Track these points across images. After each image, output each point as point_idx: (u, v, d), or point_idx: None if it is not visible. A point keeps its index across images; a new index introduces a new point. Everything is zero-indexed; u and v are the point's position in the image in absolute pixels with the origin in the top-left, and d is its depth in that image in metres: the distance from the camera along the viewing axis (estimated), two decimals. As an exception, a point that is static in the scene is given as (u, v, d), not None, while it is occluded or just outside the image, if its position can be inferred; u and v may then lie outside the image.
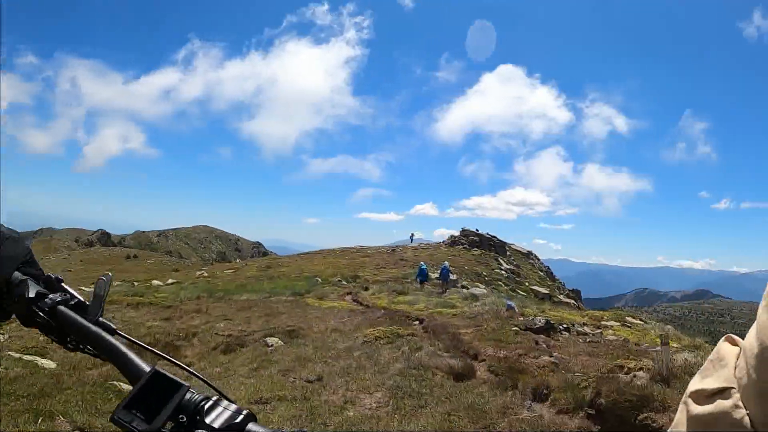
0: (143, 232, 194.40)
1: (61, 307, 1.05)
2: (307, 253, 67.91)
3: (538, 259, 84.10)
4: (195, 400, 0.89)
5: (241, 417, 0.87)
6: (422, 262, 37.20)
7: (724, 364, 0.54)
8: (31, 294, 1.06)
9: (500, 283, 52.72)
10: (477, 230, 73.49)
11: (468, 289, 42.21)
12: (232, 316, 15.03)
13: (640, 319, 20.35)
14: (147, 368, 0.93)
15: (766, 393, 0.50)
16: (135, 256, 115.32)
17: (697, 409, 0.54)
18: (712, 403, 0.53)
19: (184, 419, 0.88)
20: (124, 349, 0.99)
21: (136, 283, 48.72)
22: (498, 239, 72.38)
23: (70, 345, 1.05)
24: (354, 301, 24.08)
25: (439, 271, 36.93)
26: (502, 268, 61.21)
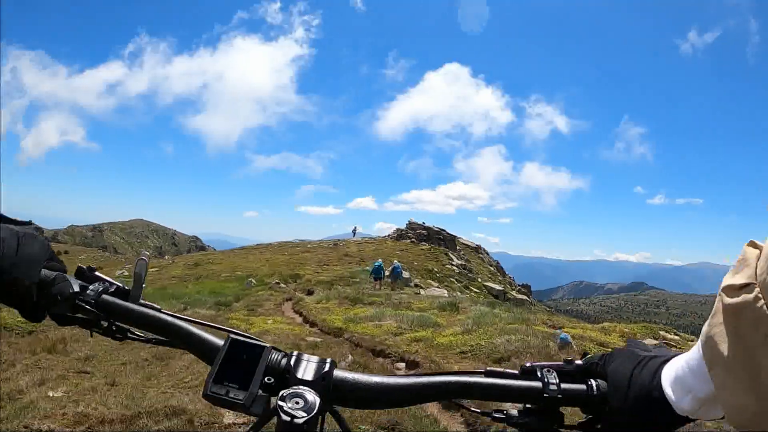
0: (77, 226, 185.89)
1: (107, 296, 0.99)
2: (243, 249, 62.21)
3: (487, 254, 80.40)
4: (279, 358, 0.89)
5: (327, 365, 0.87)
6: (379, 260, 33.51)
7: (748, 264, 0.64)
8: (75, 288, 1.00)
9: (453, 280, 48.63)
10: (424, 223, 69.10)
11: (424, 288, 38.05)
12: (99, 360, 9.51)
13: (676, 334, 15.77)
14: (217, 340, 0.93)
15: None
16: (66, 252, 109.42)
17: (728, 300, 0.64)
18: (739, 296, 0.63)
19: (272, 380, 0.87)
20: (189, 326, 0.97)
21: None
22: (447, 233, 67.99)
23: (118, 335, 1.01)
24: (296, 313, 18.90)
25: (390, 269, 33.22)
26: (454, 263, 56.86)
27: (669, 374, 0.79)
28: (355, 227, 70.16)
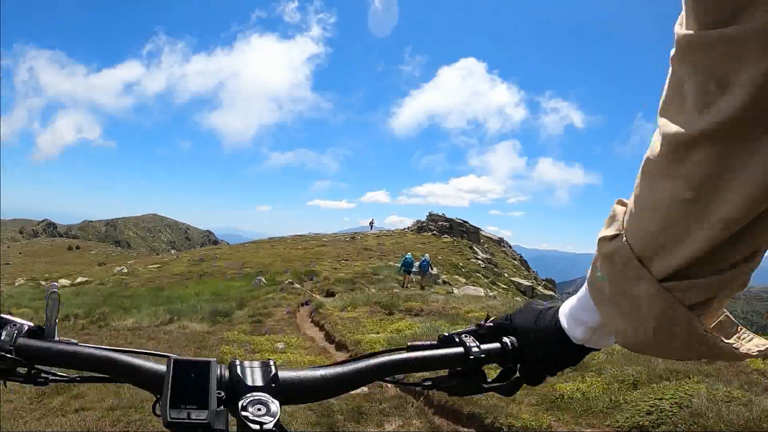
0: (90, 221, 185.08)
1: (22, 339, 0.83)
2: (254, 242, 57.80)
3: (510, 247, 75.64)
4: (224, 370, 0.83)
5: (272, 367, 0.84)
6: (408, 253, 30.22)
7: (617, 218, 0.76)
8: None
9: (479, 275, 44.10)
10: (444, 215, 64.48)
11: (452, 285, 33.82)
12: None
13: None
14: (156, 365, 0.84)
15: (639, 232, 0.71)
16: (78, 247, 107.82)
17: (602, 249, 0.76)
18: (610, 245, 0.75)
19: (223, 394, 0.81)
20: (120, 355, 0.85)
21: (42, 282, 40.50)
22: (470, 225, 63.28)
23: (40, 380, 0.85)
24: (316, 325, 14.36)
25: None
26: (479, 257, 52.31)
27: (564, 312, 0.92)
28: (372, 220, 66.08)
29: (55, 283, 0.93)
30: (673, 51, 0.60)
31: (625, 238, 0.73)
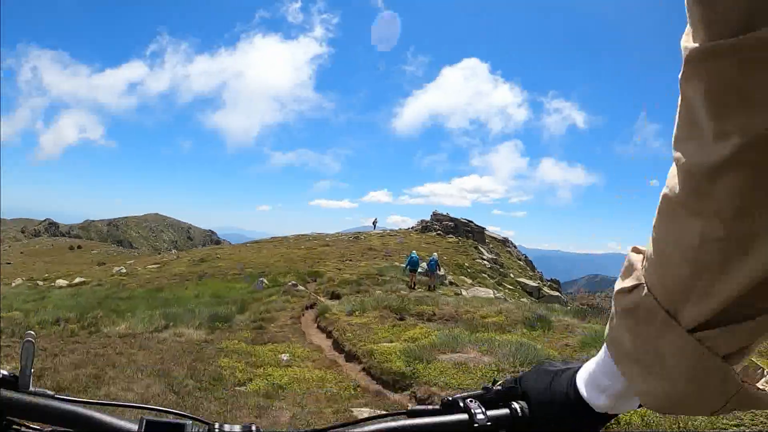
0: (92, 221, 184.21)
1: None
2: (256, 242, 56.72)
3: (515, 247, 74.50)
4: None
5: None
6: (413, 251, 29.26)
7: (635, 268, 0.71)
8: None
9: (485, 275, 43.04)
10: (448, 214, 63.34)
11: (459, 286, 32.82)
12: None
13: None
14: (128, 424, 0.79)
15: (664, 279, 0.65)
16: (79, 247, 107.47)
17: (622, 302, 0.71)
18: (631, 297, 0.69)
19: None
20: (92, 411, 0.81)
21: (40, 283, 39.52)
22: (475, 224, 62.19)
23: (10, 431, 0.85)
24: (323, 331, 13.33)
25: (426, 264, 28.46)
26: (484, 257, 51.28)
27: (582, 378, 0.84)
28: (376, 219, 64.93)
29: (31, 332, 0.85)
30: (681, 72, 0.55)
31: (647, 289, 0.68)
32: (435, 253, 29.75)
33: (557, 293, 54.78)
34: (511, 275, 51.37)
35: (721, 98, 0.50)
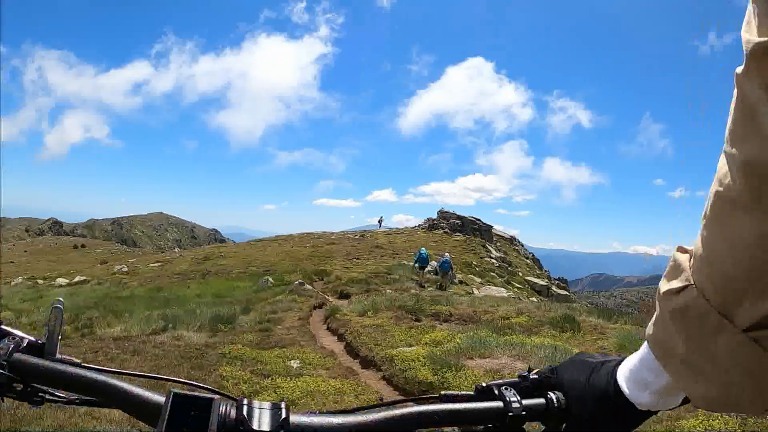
0: (96, 220, 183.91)
1: (19, 355, 0.80)
2: (260, 240, 55.72)
3: (522, 245, 73.44)
4: (229, 408, 0.76)
5: (283, 411, 0.76)
6: (422, 248, 28.64)
7: (682, 268, 0.70)
8: None
9: (493, 274, 42.07)
10: (455, 212, 62.31)
11: (469, 285, 31.88)
12: None
13: None
14: (155, 396, 0.78)
15: (716, 279, 0.64)
16: (83, 246, 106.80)
17: (671, 304, 0.69)
18: (680, 298, 0.68)
19: None
20: (119, 381, 0.80)
21: (40, 282, 38.66)
22: (482, 222, 61.15)
23: (36, 399, 0.83)
24: (333, 333, 12.30)
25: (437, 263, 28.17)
26: (492, 256, 50.27)
27: (624, 374, 0.82)
28: (381, 217, 64.15)
29: (60, 298, 0.86)
30: (741, 66, 0.54)
31: (697, 289, 0.67)
32: (447, 253, 29.00)
33: (565, 292, 53.96)
34: (520, 274, 50.49)
35: None
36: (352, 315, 13.89)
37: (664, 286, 0.71)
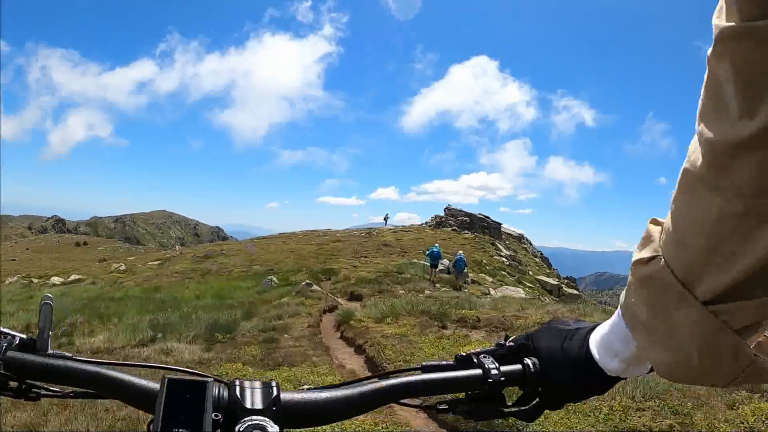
0: (99, 217, 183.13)
1: (12, 352, 0.81)
2: (263, 238, 54.07)
3: (530, 243, 71.74)
4: (222, 390, 0.79)
5: (274, 389, 0.79)
6: (435, 244, 27.55)
7: (652, 239, 0.72)
8: None
9: (504, 273, 40.42)
10: (462, 210, 60.65)
11: (481, 284, 30.29)
12: None
13: None
14: (149, 383, 0.80)
15: (681, 252, 0.66)
16: (85, 243, 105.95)
17: (639, 272, 0.72)
18: (647, 268, 0.70)
19: (220, 417, 0.76)
20: (112, 371, 0.82)
21: (35, 280, 37.20)
22: (491, 220, 59.51)
23: (31, 395, 0.83)
24: (349, 344, 10.58)
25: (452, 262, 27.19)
26: (502, 254, 48.61)
27: (595, 340, 0.84)
28: (387, 215, 62.67)
29: (49, 294, 0.86)
30: (711, 49, 0.56)
31: (663, 260, 0.69)
32: (461, 252, 27.58)
33: (575, 291, 52.24)
34: (530, 273, 48.89)
35: (750, 78, 0.50)
36: (368, 321, 12.18)
37: (636, 255, 0.72)
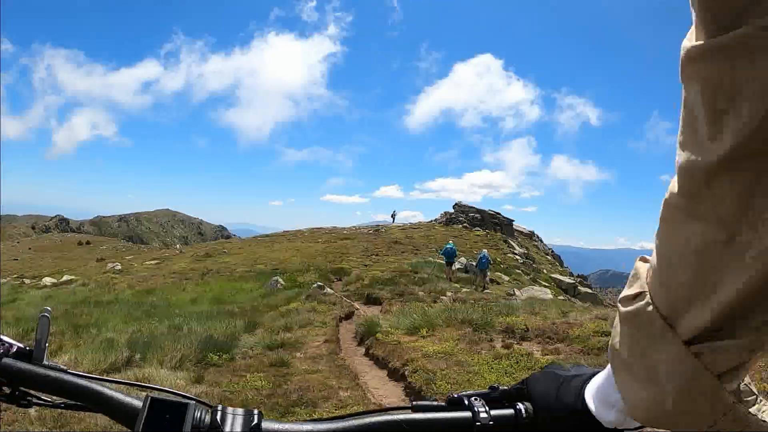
0: (103, 217, 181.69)
1: (8, 360, 0.83)
2: (267, 236, 51.78)
3: (541, 240, 69.40)
4: (203, 414, 0.79)
5: (255, 417, 0.79)
6: (450, 241, 27.13)
7: (639, 276, 0.70)
8: None
9: (519, 272, 38.12)
10: (473, 206, 58.33)
11: (500, 284, 28.07)
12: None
13: None
14: (133, 400, 0.80)
15: (665, 286, 0.64)
16: (88, 243, 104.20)
17: (623, 309, 0.70)
18: (633, 304, 0.68)
19: None
20: (101, 387, 0.83)
21: (27, 281, 35.10)
22: (503, 216, 57.13)
23: (23, 402, 0.86)
24: (378, 364, 8.33)
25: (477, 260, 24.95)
26: (516, 252, 46.26)
27: (591, 390, 0.81)
28: (395, 212, 60.38)
29: (48, 308, 0.88)
30: (680, 72, 0.54)
31: (649, 296, 0.67)
32: (485, 250, 25.49)
33: (588, 290, 49.92)
34: (544, 271, 46.58)
35: (714, 98, 0.49)
36: (397, 333, 9.88)
37: (624, 292, 0.71)
